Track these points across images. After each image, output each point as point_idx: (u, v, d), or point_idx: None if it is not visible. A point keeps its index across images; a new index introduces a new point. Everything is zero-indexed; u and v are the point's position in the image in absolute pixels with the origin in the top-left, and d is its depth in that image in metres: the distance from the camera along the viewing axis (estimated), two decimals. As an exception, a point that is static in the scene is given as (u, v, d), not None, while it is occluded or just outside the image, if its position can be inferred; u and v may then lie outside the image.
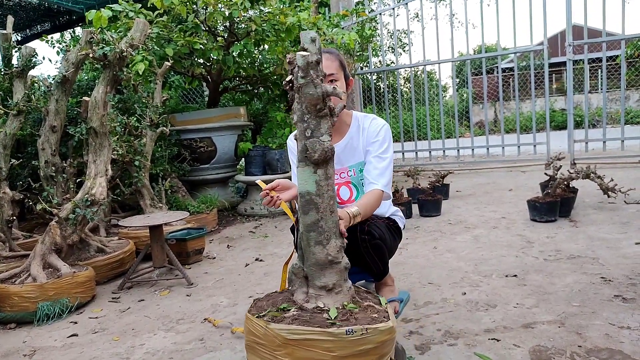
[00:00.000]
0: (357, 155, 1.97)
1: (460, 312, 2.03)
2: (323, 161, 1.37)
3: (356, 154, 1.98)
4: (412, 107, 7.38)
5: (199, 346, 1.95)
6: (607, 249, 2.74)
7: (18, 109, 3.31)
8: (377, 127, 1.94)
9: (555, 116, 15.37)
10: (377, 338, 1.30)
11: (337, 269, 1.43)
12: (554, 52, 16.69)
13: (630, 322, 1.79)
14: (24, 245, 3.31)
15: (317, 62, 1.30)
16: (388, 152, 1.91)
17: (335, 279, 1.43)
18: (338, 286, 1.43)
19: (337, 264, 1.42)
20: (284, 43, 4.68)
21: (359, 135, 1.96)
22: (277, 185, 1.77)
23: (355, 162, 1.98)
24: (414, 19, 16.09)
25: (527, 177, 5.89)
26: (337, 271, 1.43)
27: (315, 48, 1.30)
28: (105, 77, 2.84)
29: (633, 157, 5.98)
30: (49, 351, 2.05)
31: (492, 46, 19.15)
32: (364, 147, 1.96)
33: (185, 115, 5.26)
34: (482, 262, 2.71)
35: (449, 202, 4.65)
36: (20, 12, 6.69)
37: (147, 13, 4.38)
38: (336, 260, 1.42)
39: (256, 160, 4.97)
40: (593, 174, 3.58)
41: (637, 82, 14.52)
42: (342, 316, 1.36)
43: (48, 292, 2.41)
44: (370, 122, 1.97)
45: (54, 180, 3.35)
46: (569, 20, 6.01)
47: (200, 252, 3.40)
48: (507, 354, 1.64)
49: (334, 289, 1.43)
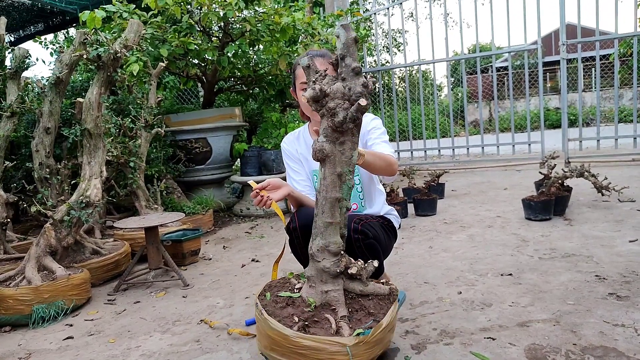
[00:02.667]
0: None
1: (456, 311, 2.04)
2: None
3: None
4: (407, 107, 7.40)
5: (195, 348, 1.95)
6: (601, 247, 2.75)
7: (11, 111, 3.30)
8: (367, 120, 1.98)
9: (550, 115, 15.45)
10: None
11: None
12: (547, 51, 16.79)
13: (624, 320, 1.80)
14: (19, 248, 3.29)
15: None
16: (384, 136, 1.96)
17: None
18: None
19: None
20: (278, 43, 4.68)
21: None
22: (267, 184, 1.75)
23: None
24: (408, 19, 16.16)
25: (521, 175, 5.92)
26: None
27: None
28: (99, 78, 2.83)
29: (627, 155, 6.02)
30: (45, 354, 2.04)
31: (486, 45, 19.21)
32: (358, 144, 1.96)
33: (180, 116, 5.25)
34: (477, 261, 2.72)
35: (445, 201, 4.66)
36: (13, 12, 6.65)
37: (141, 14, 4.37)
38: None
39: (252, 160, 4.97)
40: (587, 173, 3.60)
41: (631, 81, 14.60)
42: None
43: (43, 295, 2.40)
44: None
45: (48, 182, 3.33)
46: (562, 19, 6.05)
47: (196, 253, 3.39)
48: (502, 353, 1.64)
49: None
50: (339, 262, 1.51)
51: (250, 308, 2.34)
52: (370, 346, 1.44)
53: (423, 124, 7.30)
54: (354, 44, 1.38)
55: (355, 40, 1.38)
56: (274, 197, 1.73)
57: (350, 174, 1.46)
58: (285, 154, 2.11)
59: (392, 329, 1.60)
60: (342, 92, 1.37)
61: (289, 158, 2.10)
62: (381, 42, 13.62)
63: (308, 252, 1.56)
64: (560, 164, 5.54)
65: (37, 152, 3.28)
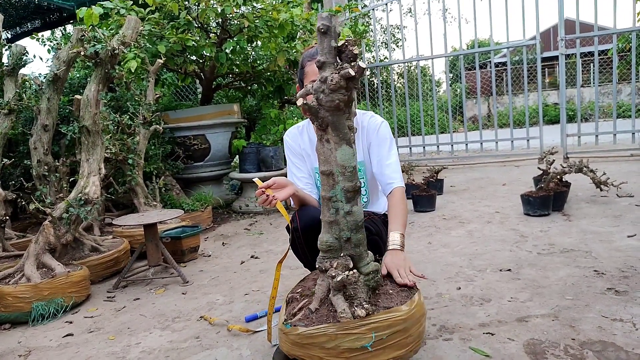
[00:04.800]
0: (357, 155, 1.96)
1: (455, 307, 2.05)
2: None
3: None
4: (406, 103, 7.39)
5: (195, 344, 1.95)
6: (599, 243, 2.76)
7: (9, 108, 3.28)
8: (376, 126, 1.92)
9: (548, 110, 15.45)
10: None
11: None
12: (546, 46, 16.75)
13: (622, 315, 1.81)
14: (18, 245, 3.29)
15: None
16: (393, 149, 1.92)
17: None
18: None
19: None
20: (277, 39, 4.66)
21: (359, 133, 1.94)
22: (273, 183, 1.72)
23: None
24: (406, 14, 16.11)
25: (520, 171, 5.93)
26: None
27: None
28: (97, 75, 2.82)
29: (625, 150, 6.03)
30: (45, 351, 2.04)
31: (485, 41, 19.16)
32: (363, 147, 1.95)
33: (178, 112, 5.24)
34: (476, 257, 2.73)
35: (443, 197, 4.67)
36: (9, 9, 6.62)
37: (138, 10, 4.35)
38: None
39: (250, 157, 4.96)
40: (586, 168, 3.61)
41: (629, 76, 14.60)
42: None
43: (42, 292, 2.40)
44: (368, 120, 1.95)
45: (46, 179, 3.33)
46: (561, 14, 6.04)
47: (195, 250, 3.40)
48: (501, 348, 1.65)
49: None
50: (322, 260, 1.46)
51: (249, 304, 2.35)
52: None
53: (422, 119, 7.29)
54: (323, 35, 1.30)
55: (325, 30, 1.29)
56: (279, 197, 1.69)
57: (342, 175, 1.41)
58: (288, 147, 2.05)
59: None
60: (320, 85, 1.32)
61: (291, 153, 2.05)
62: (380, 38, 13.60)
63: (310, 252, 1.54)
64: (559, 160, 5.54)
65: (35, 150, 3.27)
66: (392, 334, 1.34)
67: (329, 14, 1.31)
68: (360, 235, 1.46)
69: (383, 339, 1.33)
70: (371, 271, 1.48)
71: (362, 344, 1.32)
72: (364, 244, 1.48)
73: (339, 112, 1.36)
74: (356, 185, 1.43)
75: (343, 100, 1.32)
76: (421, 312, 1.44)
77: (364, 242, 1.48)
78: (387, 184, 1.86)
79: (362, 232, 1.47)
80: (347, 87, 1.31)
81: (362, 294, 1.42)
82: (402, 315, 1.36)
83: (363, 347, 1.32)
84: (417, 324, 1.41)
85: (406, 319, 1.36)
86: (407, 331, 1.37)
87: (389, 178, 1.86)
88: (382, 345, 1.33)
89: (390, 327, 1.33)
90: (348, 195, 1.42)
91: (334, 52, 1.32)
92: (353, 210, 1.44)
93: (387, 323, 1.34)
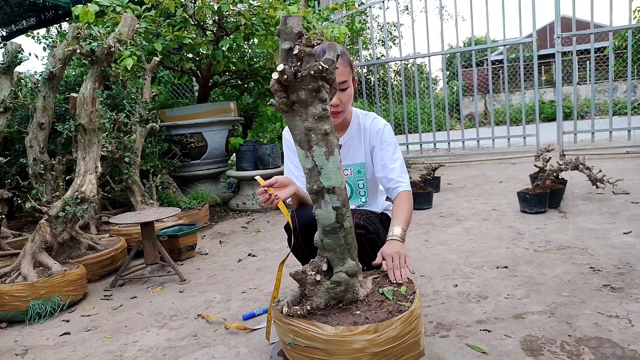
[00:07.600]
0: (358, 156, 1.95)
1: (452, 304, 2.05)
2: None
3: (357, 155, 1.95)
4: (403, 100, 7.40)
5: (193, 342, 1.95)
6: (595, 239, 2.77)
7: (4, 106, 3.27)
8: (378, 129, 1.91)
9: (545, 108, 15.49)
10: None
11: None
12: (542, 44, 16.79)
13: (618, 311, 1.82)
14: (14, 244, 3.28)
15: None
16: (397, 152, 1.92)
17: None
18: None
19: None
20: (273, 37, 4.65)
21: (360, 135, 1.93)
22: (275, 182, 1.69)
23: (354, 162, 1.96)
24: (403, 12, 16.11)
25: (517, 169, 5.94)
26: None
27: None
28: (93, 73, 2.81)
29: (621, 147, 6.05)
30: (41, 350, 2.04)
31: (481, 39, 19.20)
32: (365, 150, 1.94)
33: (175, 110, 5.22)
34: (473, 254, 2.73)
35: (440, 194, 4.67)
36: (4, 7, 6.57)
37: (134, 7, 4.33)
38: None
39: (247, 155, 4.95)
40: (582, 165, 3.62)
41: (625, 73, 14.66)
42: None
43: (39, 291, 2.39)
44: (371, 122, 1.94)
45: (42, 178, 3.32)
46: (557, 12, 6.05)
47: (192, 248, 3.39)
48: (498, 345, 1.66)
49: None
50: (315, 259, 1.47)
51: (247, 302, 2.35)
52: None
53: (419, 117, 7.30)
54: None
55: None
56: (281, 196, 1.66)
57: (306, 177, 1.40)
58: (287, 144, 2.01)
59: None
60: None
61: (290, 149, 2.01)
62: (376, 35, 13.58)
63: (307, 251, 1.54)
64: (555, 157, 5.56)
65: (31, 148, 3.26)
66: (310, 347, 1.35)
67: (285, 16, 1.30)
68: (329, 240, 1.41)
69: (300, 346, 1.37)
70: (334, 281, 1.42)
71: (286, 340, 1.41)
72: (338, 251, 1.42)
73: (286, 114, 1.38)
74: (319, 187, 1.37)
75: (282, 102, 1.35)
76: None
77: (336, 249, 1.42)
78: (394, 188, 1.86)
79: (333, 237, 1.41)
80: (283, 91, 1.34)
81: (319, 299, 1.42)
82: (322, 335, 1.33)
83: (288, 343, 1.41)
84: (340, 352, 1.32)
85: (326, 340, 1.32)
86: (329, 353, 1.33)
87: (395, 182, 1.86)
88: (298, 350, 1.39)
89: (308, 338, 1.35)
90: (312, 197, 1.40)
91: (285, 55, 1.31)
92: (317, 212, 1.40)
93: (307, 334, 1.35)
